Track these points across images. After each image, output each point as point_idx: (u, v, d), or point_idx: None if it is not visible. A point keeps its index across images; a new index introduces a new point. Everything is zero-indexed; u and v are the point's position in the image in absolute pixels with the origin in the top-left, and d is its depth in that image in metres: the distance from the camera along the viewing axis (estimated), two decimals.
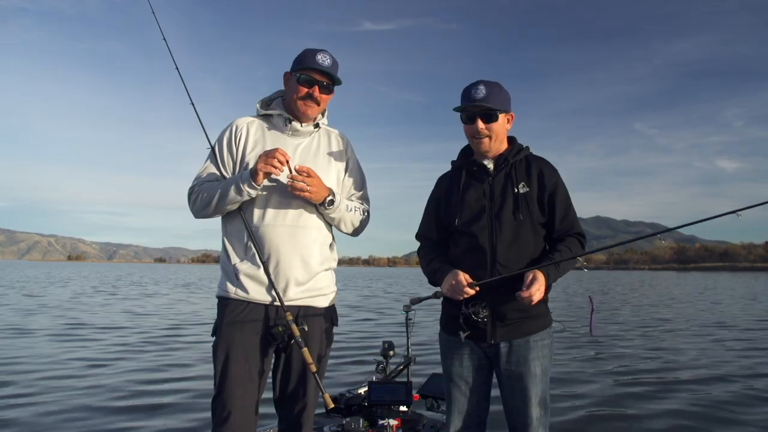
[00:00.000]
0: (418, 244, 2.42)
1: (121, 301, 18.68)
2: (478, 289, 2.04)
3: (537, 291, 1.96)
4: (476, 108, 2.15)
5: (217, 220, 2.31)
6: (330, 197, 2.18)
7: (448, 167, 2.41)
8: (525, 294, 1.95)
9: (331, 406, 2.10)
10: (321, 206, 2.20)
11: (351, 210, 2.31)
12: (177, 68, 2.46)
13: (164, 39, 2.53)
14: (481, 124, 2.15)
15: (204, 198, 2.19)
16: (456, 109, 2.21)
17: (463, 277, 2.04)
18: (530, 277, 1.98)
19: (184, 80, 2.46)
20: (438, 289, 2.18)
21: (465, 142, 2.32)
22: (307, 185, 2.09)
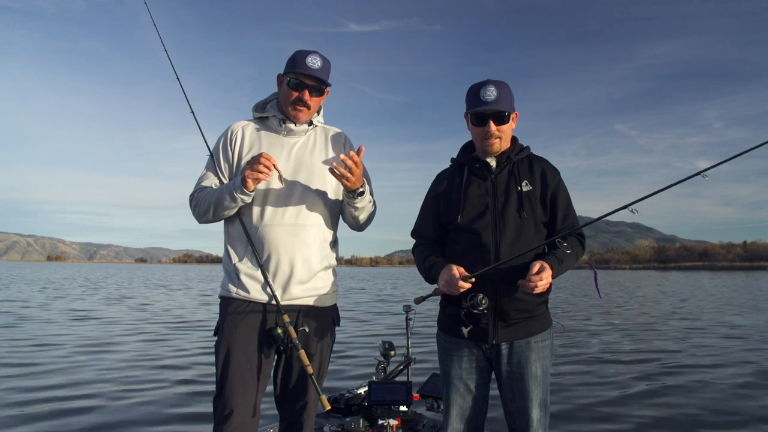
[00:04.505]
0: (401, 244, 2.40)
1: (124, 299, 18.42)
2: (473, 281, 2.00)
3: (545, 279, 1.93)
4: (489, 110, 2.13)
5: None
6: (362, 189, 2.21)
7: (431, 167, 2.42)
8: (534, 278, 1.91)
9: (328, 408, 2.10)
10: (350, 195, 2.20)
11: (371, 202, 2.34)
12: (177, 77, 2.43)
13: (162, 41, 2.51)
14: (493, 127, 2.13)
15: (203, 205, 2.20)
16: (469, 113, 2.18)
17: (457, 271, 2.00)
18: (538, 266, 1.95)
19: (174, 82, 2.46)
20: (436, 285, 2.14)
21: (450, 142, 2.32)
22: (348, 173, 2.10)
